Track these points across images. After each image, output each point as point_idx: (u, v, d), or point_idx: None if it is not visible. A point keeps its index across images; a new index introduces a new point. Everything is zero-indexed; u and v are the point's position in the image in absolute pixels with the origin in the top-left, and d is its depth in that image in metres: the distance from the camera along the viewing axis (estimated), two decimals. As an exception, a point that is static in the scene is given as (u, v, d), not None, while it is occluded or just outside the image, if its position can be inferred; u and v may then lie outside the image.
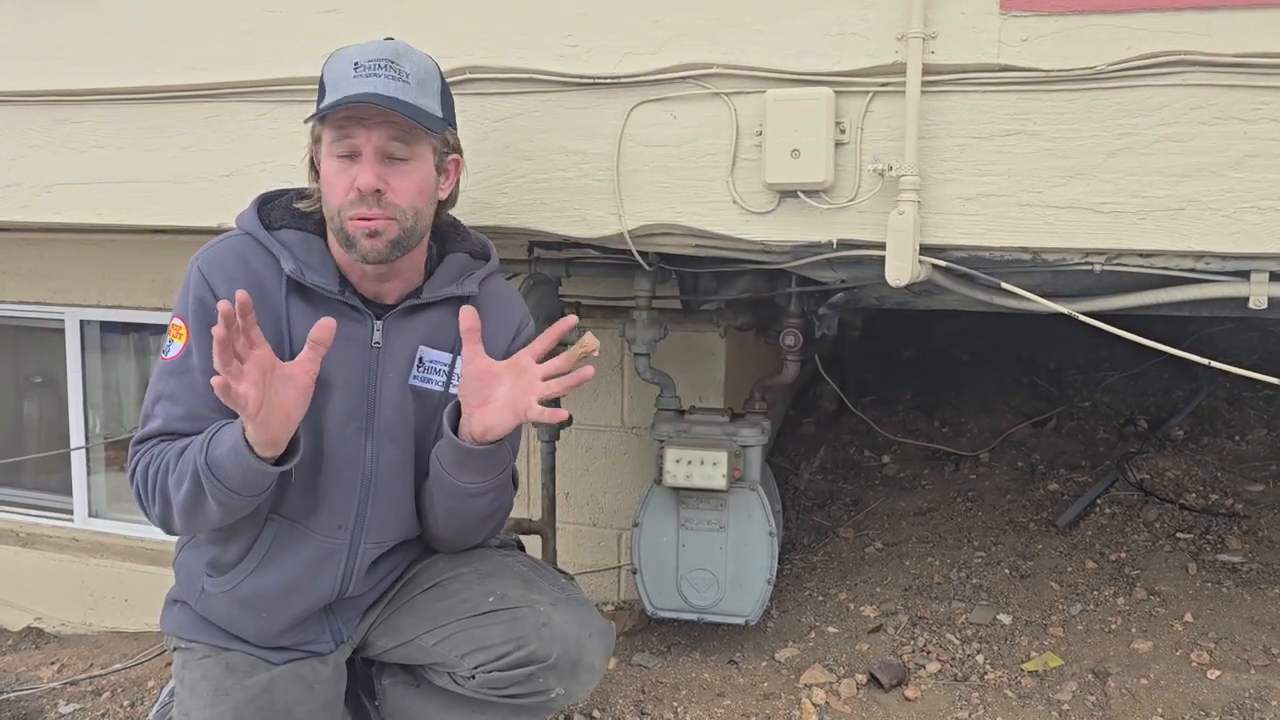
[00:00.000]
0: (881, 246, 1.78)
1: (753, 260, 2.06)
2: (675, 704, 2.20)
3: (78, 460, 3.52)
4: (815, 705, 2.17)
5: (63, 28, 2.35)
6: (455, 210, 1.78)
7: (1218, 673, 2.14)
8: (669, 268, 2.36)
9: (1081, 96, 1.70)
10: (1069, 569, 2.70)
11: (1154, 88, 1.66)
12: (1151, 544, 2.80)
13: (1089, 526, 2.93)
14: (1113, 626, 2.41)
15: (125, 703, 2.52)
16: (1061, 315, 1.87)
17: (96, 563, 3.41)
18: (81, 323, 3.45)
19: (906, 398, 4.03)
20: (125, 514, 3.49)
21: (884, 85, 1.78)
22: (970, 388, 4.07)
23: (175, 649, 1.74)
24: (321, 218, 1.65)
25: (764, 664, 2.38)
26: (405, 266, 1.65)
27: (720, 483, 2.34)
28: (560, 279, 2.52)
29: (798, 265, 2.03)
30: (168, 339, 1.61)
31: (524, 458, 2.80)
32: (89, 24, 2.33)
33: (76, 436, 3.52)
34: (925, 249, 1.80)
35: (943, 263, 1.86)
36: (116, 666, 2.79)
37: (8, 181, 2.48)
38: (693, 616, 2.48)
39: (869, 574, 2.78)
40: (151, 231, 2.72)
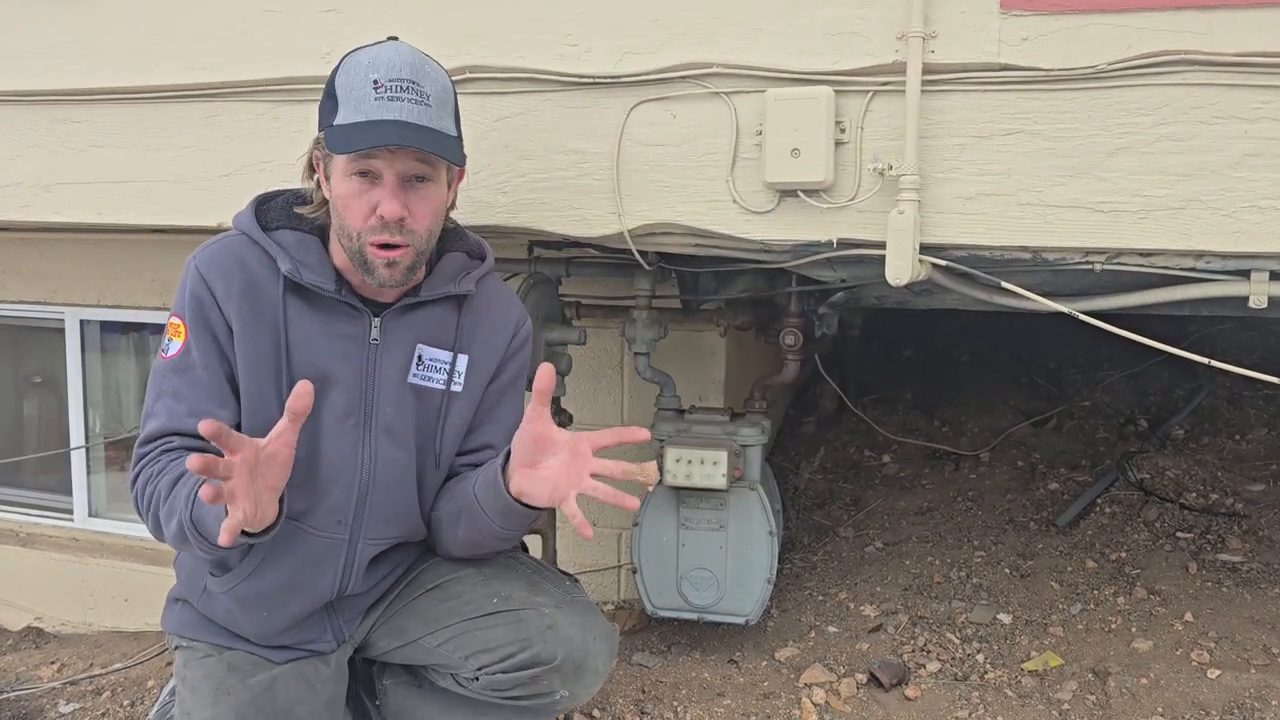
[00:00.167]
0: (881, 246, 1.78)
1: (753, 260, 2.06)
2: (675, 703, 2.20)
3: (77, 460, 3.52)
4: (815, 705, 2.17)
5: (62, 27, 2.35)
6: (456, 210, 1.78)
7: (1218, 672, 2.14)
8: (669, 267, 2.36)
9: (1082, 96, 1.70)
10: (1069, 568, 2.70)
11: (1154, 87, 1.66)
12: (1152, 543, 2.80)
13: (1089, 526, 2.93)
14: (1113, 626, 2.41)
15: (125, 702, 2.52)
16: (1062, 315, 1.87)
17: (96, 562, 3.41)
18: (81, 322, 3.45)
19: (907, 397, 4.03)
20: (125, 514, 3.49)
21: (884, 84, 1.78)
22: (970, 387, 4.07)
23: (177, 648, 1.74)
24: (320, 221, 1.65)
25: (764, 663, 2.38)
26: None
27: (720, 482, 2.34)
28: (560, 278, 2.52)
29: (798, 264, 2.03)
30: (166, 337, 1.62)
31: (524, 457, 2.79)
32: (89, 23, 2.33)
33: (76, 436, 3.52)
34: (925, 248, 1.80)
35: (943, 262, 1.86)
36: (116, 666, 2.79)
37: (7, 181, 2.48)
38: (693, 616, 2.47)
39: (869, 573, 2.78)
40: (151, 231, 2.72)
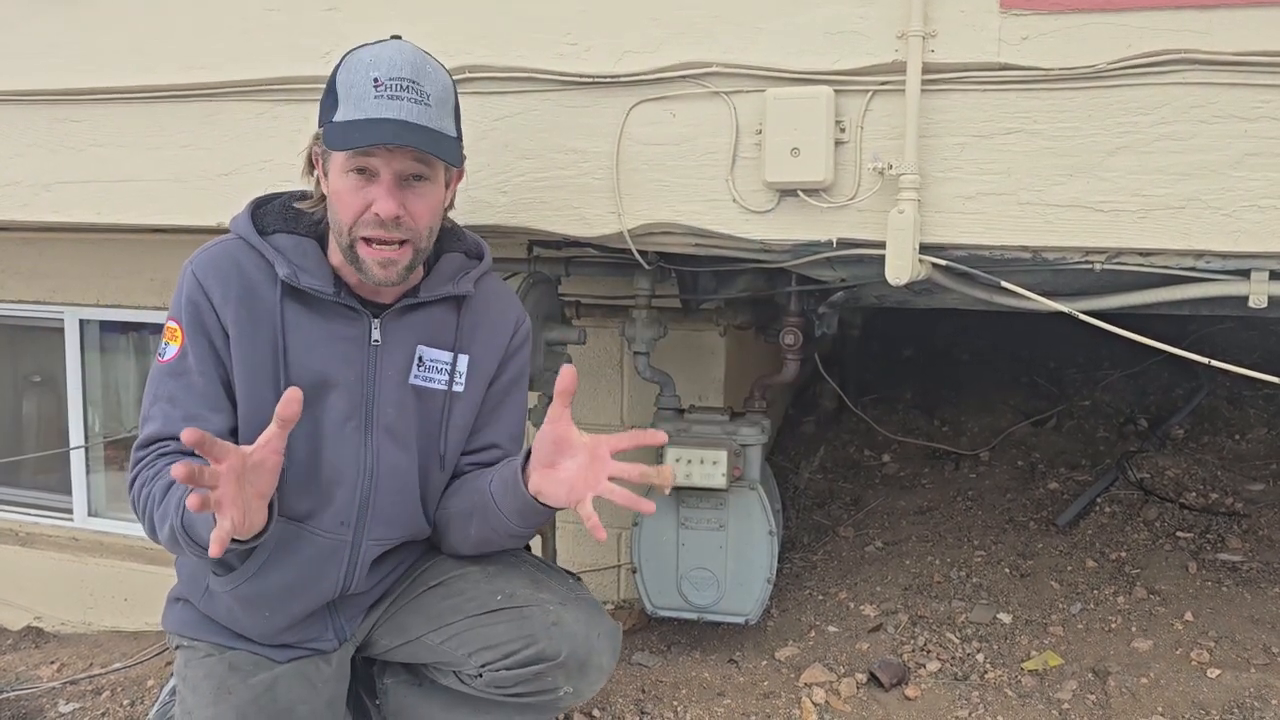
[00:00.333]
0: (881, 245, 1.78)
1: (752, 259, 2.06)
2: (675, 703, 2.20)
3: (77, 459, 3.52)
4: (815, 704, 2.17)
5: (62, 26, 2.35)
6: (455, 209, 1.78)
7: (1218, 671, 2.14)
8: (668, 266, 2.36)
9: (1081, 95, 1.70)
10: (1069, 568, 2.70)
11: (1154, 86, 1.66)
12: (1151, 543, 2.80)
13: (1089, 525, 2.92)
14: (1113, 625, 2.41)
15: (125, 702, 2.52)
16: (1061, 314, 1.87)
17: (96, 562, 3.40)
18: (81, 322, 3.45)
19: (906, 397, 4.03)
20: (125, 513, 3.49)
21: (884, 84, 1.78)
22: (970, 387, 4.07)
23: (178, 647, 1.74)
24: (315, 220, 1.65)
25: (764, 663, 2.38)
26: None
27: (720, 482, 2.34)
28: (560, 278, 2.52)
29: (797, 264, 2.03)
30: (163, 341, 1.62)
31: (524, 457, 2.80)
32: (88, 22, 2.33)
33: (76, 436, 3.51)
34: (925, 248, 1.80)
35: (943, 261, 1.86)
36: (116, 666, 2.79)
37: (7, 180, 2.48)
38: (692, 615, 2.47)
39: (869, 573, 2.78)
40: (151, 230, 2.72)
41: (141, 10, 2.27)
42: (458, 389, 1.71)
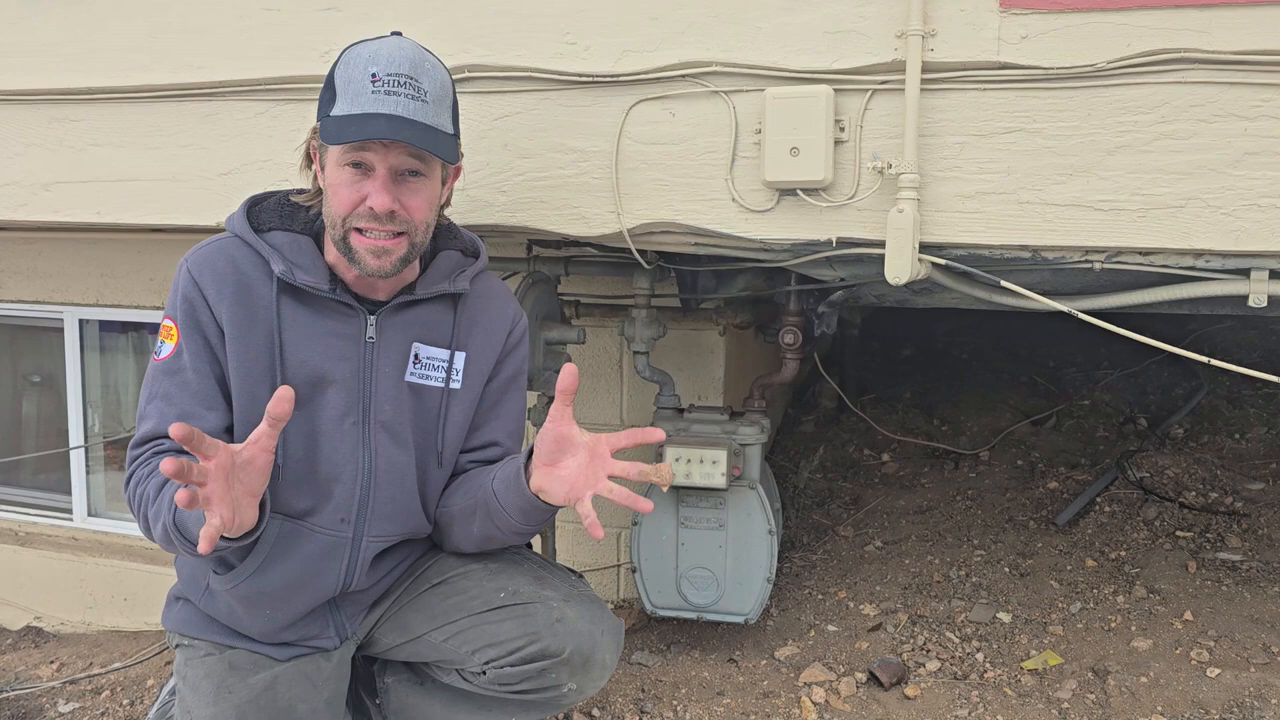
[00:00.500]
0: (881, 244, 1.78)
1: (752, 258, 2.06)
2: (675, 702, 2.20)
3: (76, 459, 3.52)
4: (815, 703, 2.17)
5: (60, 26, 2.35)
6: (454, 208, 1.79)
7: (1217, 671, 2.14)
8: (668, 266, 2.36)
9: (1081, 94, 1.70)
10: (1069, 567, 2.70)
11: (1154, 85, 1.66)
12: (1151, 542, 2.80)
13: (1089, 525, 2.93)
14: (1112, 624, 2.41)
15: (125, 701, 2.52)
16: (1061, 313, 1.87)
17: (95, 561, 3.40)
18: (80, 321, 3.45)
19: (906, 396, 4.04)
20: (124, 513, 3.49)
21: (883, 83, 1.78)
22: (970, 386, 4.08)
23: (177, 646, 1.74)
24: (311, 218, 1.65)
25: (763, 662, 2.38)
26: None
27: (720, 481, 2.34)
28: (559, 277, 2.52)
29: (797, 263, 2.03)
30: (159, 340, 1.62)
31: (523, 456, 2.80)
32: (87, 22, 2.33)
33: (75, 435, 3.51)
34: (925, 247, 1.80)
35: (942, 261, 1.86)
36: (116, 665, 2.79)
37: (6, 180, 2.48)
38: (692, 615, 2.47)
39: (868, 572, 2.78)
40: (150, 230, 2.72)
41: (140, 9, 2.27)
42: (455, 386, 1.71)
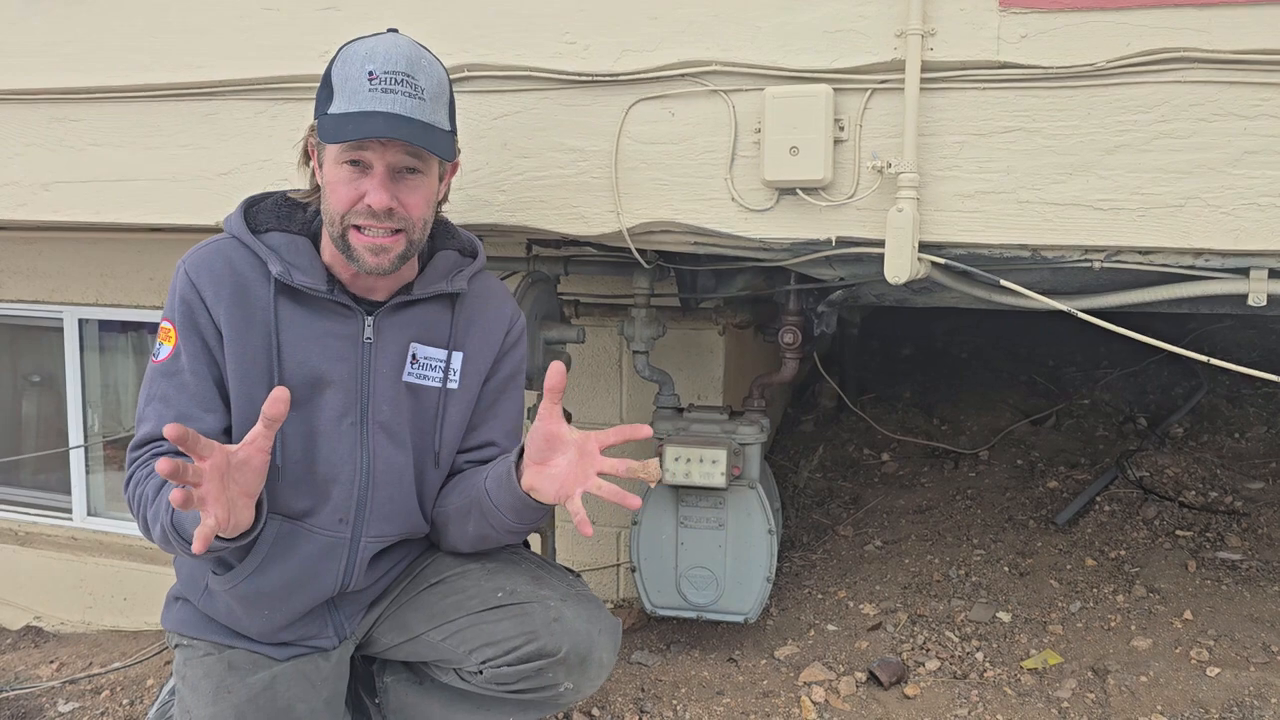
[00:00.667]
0: (880, 244, 1.78)
1: (751, 258, 2.06)
2: (674, 702, 2.20)
3: (76, 459, 3.52)
4: (814, 703, 2.17)
5: (60, 25, 2.35)
6: (453, 208, 1.78)
7: (1217, 670, 2.14)
8: (668, 265, 2.36)
9: (1081, 93, 1.70)
10: (1068, 566, 2.70)
11: (1153, 84, 1.66)
12: (1151, 541, 2.80)
13: (1088, 524, 2.93)
14: (1112, 624, 2.41)
15: (124, 701, 2.52)
16: (1061, 313, 1.87)
17: (95, 561, 3.40)
18: (80, 321, 3.45)
19: (906, 395, 4.04)
20: (124, 513, 3.49)
21: (883, 82, 1.78)
22: (969, 385, 4.07)
23: (177, 646, 1.74)
24: (309, 218, 1.65)
25: (763, 662, 2.38)
26: None
27: (719, 480, 2.34)
28: (559, 277, 2.52)
29: (796, 263, 2.03)
30: (158, 341, 1.62)
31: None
32: (87, 21, 2.33)
33: (75, 435, 3.51)
34: (924, 246, 1.80)
35: (942, 260, 1.86)
36: (116, 665, 2.79)
37: (5, 180, 2.48)
38: (692, 614, 2.47)
39: (868, 572, 2.78)
40: (150, 230, 2.72)
41: (141, 10, 2.27)
42: (452, 386, 1.71)
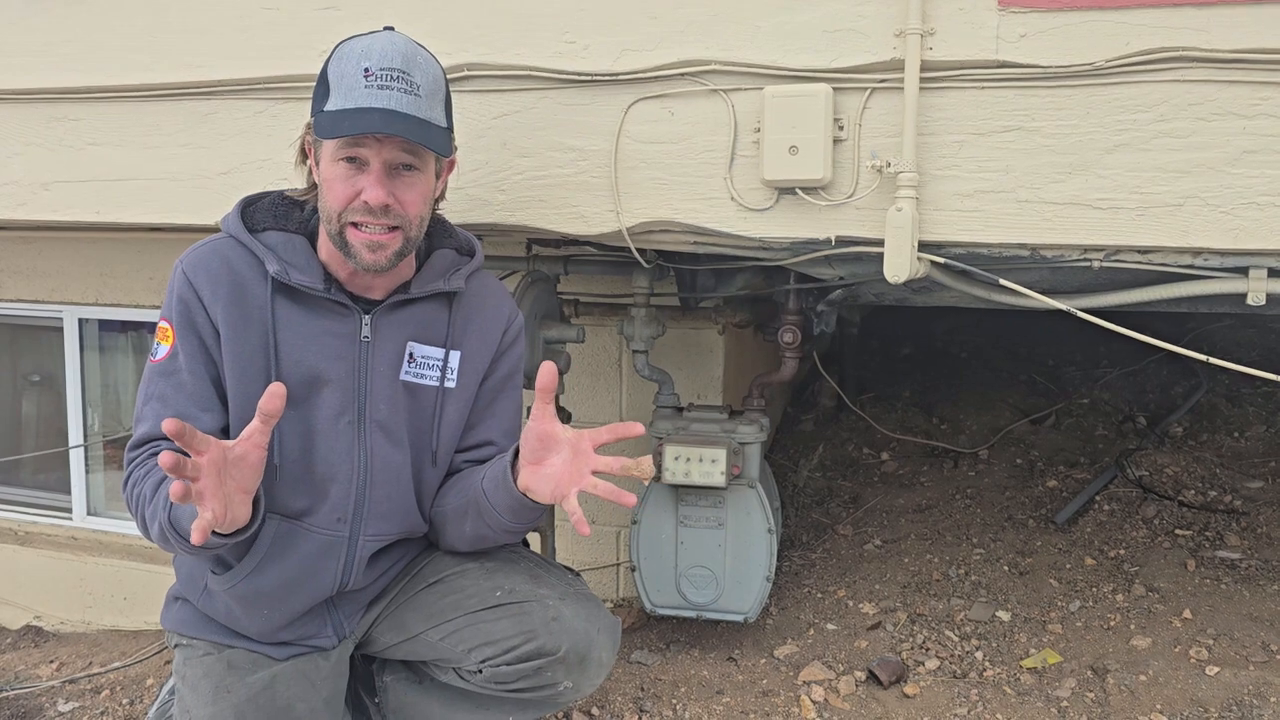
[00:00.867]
0: (880, 243, 1.78)
1: (751, 257, 2.06)
2: (674, 701, 2.20)
3: (76, 458, 3.52)
4: (814, 702, 2.17)
5: (60, 25, 2.35)
6: (452, 207, 1.78)
7: (1216, 669, 2.14)
8: (667, 265, 2.36)
9: (1080, 92, 1.70)
10: (1068, 566, 2.70)
11: (1152, 84, 1.66)
12: (1150, 541, 2.80)
13: (1088, 523, 2.93)
14: (1112, 623, 2.41)
15: (124, 700, 2.52)
16: (1060, 312, 1.87)
17: (95, 561, 3.41)
18: (80, 321, 3.45)
19: (905, 395, 4.04)
20: (123, 513, 3.49)
21: (882, 81, 1.78)
22: (969, 384, 4.07)
23: (176, 646, 1.74)
24: (306, 217, 1.65)
25: (763, 661, 2.38)
26: None
27: (719, 480, 2.34)
28: (558, 276, 2.52)
29: (796, 262, 2.03)
30: (156, 341, 1.62)
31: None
32: (86, 21, 2.33)
33: (75, 435, 3.52)
34: (924, 245, 1.80)
35: (941, 259, 1.86)
36: (115, 664, 2.79)
37: (5, 179, 2.48)
38: (691, 614, 2.47)
39: (868, 571, 2.78)
40: (149, 229, 2.72)
41: (140, 8, 2.27)
42: (450, 385, 1.71)
